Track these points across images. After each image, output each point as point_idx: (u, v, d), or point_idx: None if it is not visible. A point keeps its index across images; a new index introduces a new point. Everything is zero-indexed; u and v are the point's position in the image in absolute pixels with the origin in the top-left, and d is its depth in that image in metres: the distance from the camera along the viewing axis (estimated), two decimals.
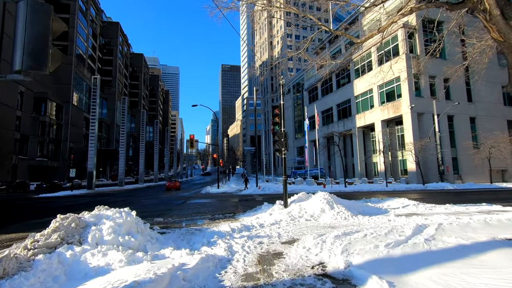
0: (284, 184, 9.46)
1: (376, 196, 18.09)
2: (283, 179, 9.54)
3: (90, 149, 31.35)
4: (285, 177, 9.56)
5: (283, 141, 9.03)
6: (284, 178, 9.52)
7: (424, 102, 35.90)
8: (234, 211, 11.85)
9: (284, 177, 9.52)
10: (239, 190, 27.33)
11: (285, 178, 9.54)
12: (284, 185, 9.47)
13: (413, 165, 34.08)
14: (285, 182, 9.46)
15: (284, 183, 9.46)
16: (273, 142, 9.43)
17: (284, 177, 9.52)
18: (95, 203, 16.63)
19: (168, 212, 11.95)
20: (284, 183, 9.45)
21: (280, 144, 9.12)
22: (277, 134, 9.34)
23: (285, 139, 9.05)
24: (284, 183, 9.46)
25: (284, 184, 9.46)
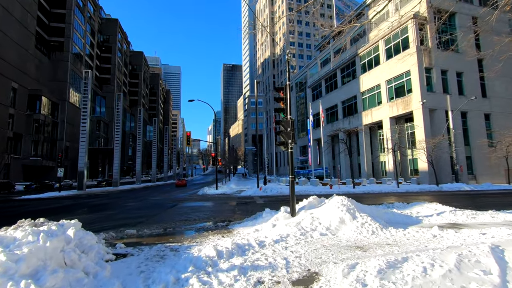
0: (291, 186, 7.43)
1: (389, 198, 16.09)
2: (289, 179, 7.49)
3: (81, 147, 29.48)
4: (292, 177, 7.50)
5: (289, 132, 7.02)
6: (290, 178, 7.47)
7: (436, 97, 33.72)
8: (229, 218, 9.83)
9: (290, 176, 7.48)
10: (239, 191, 25.32)
11: (292, 178, 7.48)
12: (291, 187, 7.43)
13: (424, 164, 31.91)
14: (292, 183, 7.40)
15: (291, 185, 7.41)
16: (277, 133, 7.46)
17: (290, 176, 7.48)
18: (73, 206, 14.74)
19: (150, 219, 9.96)
20: (291, 184, 7.41)
21: (286, 135, 7.10)
22: (283, 123, 7.27)
23: (292, 128, 7.02)
24: (291, 185, 7.41)
25: (291, 186, 7.43)
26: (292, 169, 7.60)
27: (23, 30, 48.28)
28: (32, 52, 51.24)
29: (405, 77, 35.43)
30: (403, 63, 35.27)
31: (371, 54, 41.87)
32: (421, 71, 33.40)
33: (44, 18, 57.06)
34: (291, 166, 7.57)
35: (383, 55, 39.19)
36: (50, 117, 54.39)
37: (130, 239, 6.64)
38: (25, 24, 48.84)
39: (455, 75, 35.50)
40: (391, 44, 38.06)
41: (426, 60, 34.13)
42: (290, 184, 7.41)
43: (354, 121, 44.05)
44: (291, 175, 7.53)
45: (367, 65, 42.48)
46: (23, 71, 48.59)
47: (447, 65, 35.02)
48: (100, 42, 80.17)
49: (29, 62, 50.51)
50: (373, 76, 40.58)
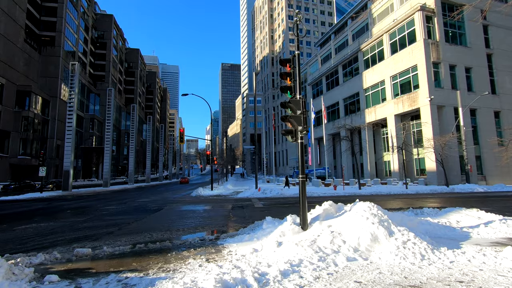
0: (301, 188, 5.46)
1: (404, 201, 14.25)
2: (299, 180, 5.56)
3: (67, 145, 27.46)
4: (302, 176, 5.63)
5: (300, 115, 5.17)
6: (300, 179, 5.54)
7: (445, 93, 31.97)
8: (222, 228, 7.95)
9: (300, 176, 5.58)
10: (236, 192, 23.42)
11: (302, 177, 5.58)
12: (302, 189, 5.48)
13: (432, 164, 30.17)
14: (304, 185, 5.46)
15: (302, 187, 5.45)
16: (283, 119, 5.62)
17: (300, 176, 5.58)
18: (40, 211, 12.65)
19: (124, 228, 8.06)
20: (302, 186, 5.44)
21: (296, 120, 5.21)
22: (291, 104, 5.40)
23: (304, 111, 5.14)
24: (302, 187, 5.45)
25: (301, 188, 5.46)
26: (303, 167, 5.69)
27: (11, 23, 46.11)
28: (21, 46, 49.06)
29: (412, 72, 33.67)
30: (410, 58, 33.58)
31: (374, 49, 40.10)
32: (428, 66, 31.64)
33: (35, 12, 54.89)
34: (301, 162, 5.67)
35: (388, 50, 37.42)
36: (40, 114, 52.18)
37: (77, 263, 4.73)
38: (14, 16, 46.67)
39: (464, 71, 33.77)
40: (396, 38, 36.29)
41: (434, 54, 32.37)
42: (301, 185, 5.50)
43: (356, 119, 42.26)
44: (301, 174, 5.62)
45: (371, 61, 40.70)
46: (11, 66, 46.41)
47: (455, 60, 33.31)
48: (95, 38, 78.02)
49: (18, 57, 48.34)
50: (377, 72, 38.82)
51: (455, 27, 34.99)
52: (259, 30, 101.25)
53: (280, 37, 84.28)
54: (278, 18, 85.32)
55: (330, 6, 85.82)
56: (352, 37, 47.63)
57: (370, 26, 43.38)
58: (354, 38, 46.90)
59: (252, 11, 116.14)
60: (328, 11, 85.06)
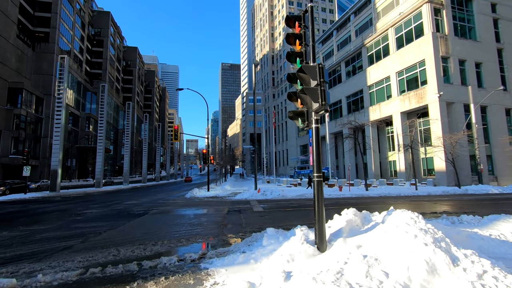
0: (317, 192, 3.76)
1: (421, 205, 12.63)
2: (314, 179, 3.87)
3: (55, 143, 25.86)
4: (318, 175, 4.01)
5: (316, 88, 3.68)
6: (315, 179, 3.87)
7: (454, 89, 30.37)
8: (210, 242, 6.33)
9: (315, 175, 3.97)
10: (234, 193, 21.80)
11: (319, 177, 3.99)
12: (318, 192, 3.77)
13: (441, 163, 28.55)
14: (320, 187, 3.83)
15: (318, 189, 3.77)
16: (290, 97, 4.06)
17: (315, 175, 3.97)
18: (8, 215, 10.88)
19: (88, 241, 6.45)
20: (318, 188, 3.83)
21: (312, 94, 3.60)
22: (304, 71, 3.81)
23: (322, 81, 3.55)
24: (318, 189, 3.77)
25: (317, 190, 3.75)
26: (319, 163, 4.00)
27: (2, 18, 44.51)
28: (13, 42, 47.44)
29: (419, 67, 32.07)
30: (417, 52, 32.01)
31: (379, 44, 38.50)
32: (437, 60, 30.05)
33: (28, 7, 53.30)
34: (316, 157, 4.00)
35: (393, 45, 35.83)
36: (33, 113, 50.54)
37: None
38: (5, 11, 45.08)
39: (474, 66, 32.19)
40: (402, 32, 34.69)
41: (443, 48, 30.78)
42: (316, 188, 3.84)
43: (360, 117, 40.54)
44: (317, 172, 3.97)
45: (375, 56, 39.10)
46: (2, 62, 44.81)
47: (465, 54, 31.72)
48: (91, 35, 76.40)
49: (10, 53, 46.71)
50: (381, 67, 37.23)
51: (464, 20, 33.42)
52: (259, 28, 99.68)
53: (280, 34, 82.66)
54: (279, 16, 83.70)
55: (331, 3, 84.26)
56: (355, 33, 46.05)
57: (374, 21, 41.79)
58: (357, 34, 45.33)
59: (252, 9, 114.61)
60: (329, 8, 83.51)
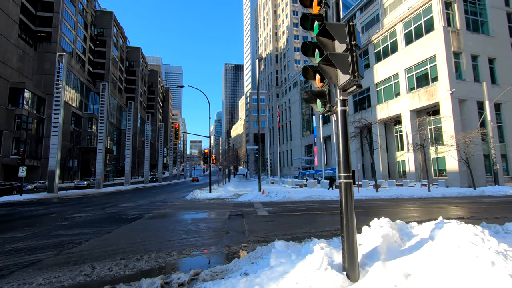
0: (344, 199, 2.69)
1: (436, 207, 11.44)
2: (340, 181, 2.77)
3: (52, 142, 25.11)
4: (347, 176, 2.89)
5: (346, 54, 2.55)
6: (342, 180, 2.77)
7: (467, 86, 29.10)
8: (205, 257, 5.33)
9: (343, 175, 2.86)
10: (237, 195, 20.78)
11: (347, 178, 2.86)
12: (346, 201, 2.71)
13: (454, 163, 27.28)
14: (349, 191, 2.69)
15: (346, 195, 2.70)
16: (305, 70, 3.08)
17: (343, 175, 2.86)
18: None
19: (62, 253, 5.52)
20: (346, 193, 2.73)
21: (340, 62, 2.52)
22: (329, 30, 2.65)
23: (354, 44, 2.58)
24: (346, 195, 2.70)
25: (344, 197, 2.69)
26: (347, 159, 2.89)
27: (4, 17, 44.09)
28: (15, 41, 47.04)
29: (429, 63, 30.84)
30: (427, 48, 30.78)
31: (386, 40, 37.27)
32: (449, 56, 28.80)
33: (30, 6, 52.95)
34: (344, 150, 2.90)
35: (402, 41, 34.61)
36: (35, 113, 50.11)
37: None
38: (6, 10, 44.67)
39: (487, 61, 30.86)
40: (411, 28, 33.46)
41: (455, 43, 29.52)
42: (343, 191, 2.75)
43: (367, 116, 39.29)
44: (344, 171, 2.88)
45: (382, 53, 37.88)
46: (4, 62, 44.40)
47: (478, 50, 30.44)
48: (94, 35, 76.09)
49: (11, 53, 46.31)
50: (389, 64, 36.02)
51: (476, 14, 32.11)
52: (262, 27, 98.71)
53: (284, 33, 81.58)
54: (282, 14, 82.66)
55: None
56: (361, 30, 44.81)
57: (381, 17, 40.58)
58: (363, 31, 44.10)
59: (256, 8, 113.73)
60: None
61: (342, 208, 2.88)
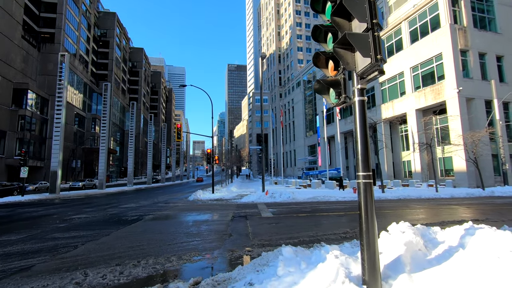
0: (366, 204, 2.35)
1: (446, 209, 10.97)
2: (358, 181, 2.42)
3: (55, 143, 24.95)
4: (366, 175, 2.42)
5: (367, 35, 2.11)
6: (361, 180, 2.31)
7: (474, 84, 28.53)
8: (206, 262, 5.00)
9: (361, 174, 2.36)
10: (240, 195, 20.44)
11: (366, 178, 2.41)
12: (367, 207, 2.36)
13: (462, 163, 26.72)
14: (369, 192, 2.28)
15: (367, 198, 2.35)
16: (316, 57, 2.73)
17: (361, 174, 2.36)
18: None
19: (55, 258, 5.24)
20: (366, 194, 2.32)
21: (360, 43, 2.13)
22: (347, 7, 2.25)
23: (376, 23, 2.25)
24: (367, 198, 2.35)
25: (366, 201, 2.32)
26: (367, 155, 2.54)
27: (7, 18, 44.20)
28: (18, 42, 47.16)
29: (436, 61, 30.30)
30: (433, 46, 30.25)
31: (391, 38, 36.77)
32: (456, 54, 28.26)
33: (34, 7, 53.13)
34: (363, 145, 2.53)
35: (407, 39, 34.11)
36: (39, 114, 50.19)
37: None
38: (9, 11, 44.77)
39: (495, 59, 30.26)
40: (416, 25, 32.94)
41: (461, 41, 28.96)
42: (363, 193, 2.37)
43: (371, 115, 38.78)
44: (363, 170, 2.50)
45: (387, 52, 37.30)
46: (7, 63, 44.47)
47: (485, 47, 29.86)
48: (97, 36, 76.29)
49: (15, 53, 46.41)
50: (394, 63, 35.48)
51: (483, 11, 31.53)
52: (265, 27, 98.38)
53: (287, 33, 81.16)
54: (285, 14, 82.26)
55: None
56: None
57: (386, 15, 40.05)
58: None
59: (258, 8, 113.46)
60: None
61: (361, 212, 2.51)
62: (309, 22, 78.18)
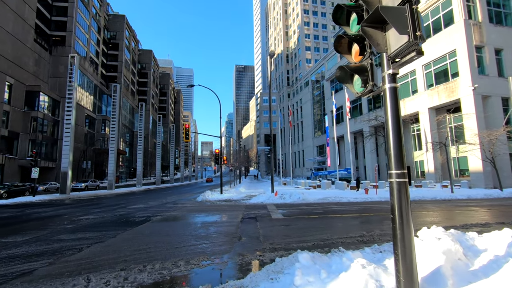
0: (400, 206, 2.06)
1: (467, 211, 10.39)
2: (392, 181, 2.14)
3: (65, 144, 25.17)
4: (400, 174, 2.07)
5: (404, 8, 1.85)
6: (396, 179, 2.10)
7: (490, 81, 27.56)
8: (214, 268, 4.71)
9: (394, 172, 2.06)
10: (249, 196, 20.14)
11: (401, 175, 2.07)
12: (401, 210, 2.06)
13: (478, 163, 25.80)
14: (404, 193, 1.93)
15: (401, 200, 2.02)
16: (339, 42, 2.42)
17: (394, 172, 2.06)
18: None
19: (59, 261, 5.08)
20: (401, 195, 1.93)
21: (394, 18, 1.75)
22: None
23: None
24: (401, 200, 2.02)
25: (400, 204, 2.04)
26: (401, 150, 2.22)
27: (20, 22, 45.10)
28: (31, 46, 48.07)
29: (449, 58, 29.40)
30: (446, 42, 29.37)
31: None
32: (470, 50, 27.35)
33: (45, 11, 54.14)
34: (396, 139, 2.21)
35: None
36: (50, 115, 51.03)
37: None
38: (22, 15, 45.68)
39: None
40: (429, 22, 32.07)
41: (476, 37, 28.03)
42: (397, 194, 2.05)
43: (381, 115, 38.06)
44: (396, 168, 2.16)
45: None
46: (20, 66, 45.37)
47: (501, 43, 28.83)
48: (107, 38, 77.30)
49: (27, 57, 47.33)
50: None
51: (499, 6, 30.47)
52: (272, 27, 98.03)
53: (295, 32, 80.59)
54: (293, 13, 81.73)
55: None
56: None
57: None
58: None
59: (266, 8, 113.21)
60: None
61: (395, 216, 2.17)
62: (317, 21, 77.45)
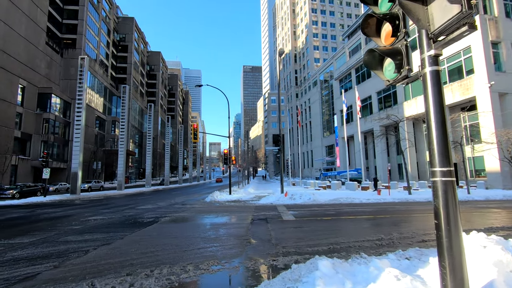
0: (447, 210, 1.77)
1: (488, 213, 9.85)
2: (435, 181, 1.87)
3: (75, 145, 25.39)
4: (446, 170, 1.77)
5: None
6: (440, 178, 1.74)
7: (508, 78, 26.60)
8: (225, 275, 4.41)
9: (439, 169, 1.71)
10: (258, 197, 19.85)
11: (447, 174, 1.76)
12: (448, 214, 1.75)
13: (495, 163, 24.86)
14: (452, 195, 1.64)
15: (448, 203, 1.73)
16: (366, 22, 2.16)
17: (439, 169, 1.71)
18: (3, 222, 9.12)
19: (64, 264, 4.88)
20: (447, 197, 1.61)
21: None
22: None
23: None
24: (448, 203, 1.73)
25: (446, 207, 1.76)
26: (446, 145, 1.92)
27: (32, 25, 45.97)
28: (43, 48, 48.96)
29: (464, 55, 28.51)
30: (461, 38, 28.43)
31: (414, 32, 34.87)
32: (486, 46, 26.45)
33: (56, 15, 55.12)
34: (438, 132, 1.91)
35: None
36: (62, 117, 51.85)
37: None
38: (35, 19, 46.57)
39: None
40: None
41: (492, 32, 27.09)
42: (441, 196, 1.71)
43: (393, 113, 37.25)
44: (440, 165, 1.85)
45: (410, 46, 35.58)
46: (33, 68, 46.23)
47: None
48: (116, 41, 78.28)
49: (39, 59, 48.21)
50: (417, 58, 33.69)
51: None
52: (280, 27, 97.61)
53: (303, 32, 79.99)
54: (301, 13, 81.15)
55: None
56: None
57: None
58: None
59: (273, 8, 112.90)
60: (354, 2, 79.65)
61: (440, 221, 1.84)
62: (325, 20, 76.64)
